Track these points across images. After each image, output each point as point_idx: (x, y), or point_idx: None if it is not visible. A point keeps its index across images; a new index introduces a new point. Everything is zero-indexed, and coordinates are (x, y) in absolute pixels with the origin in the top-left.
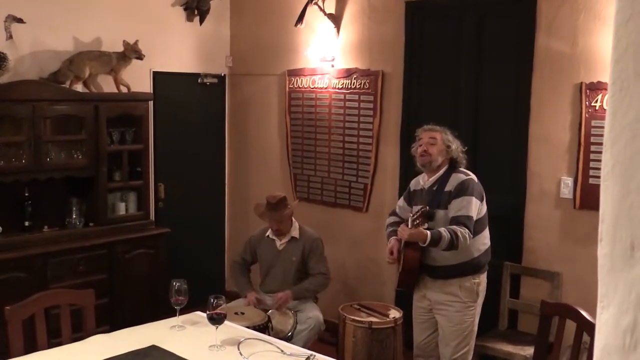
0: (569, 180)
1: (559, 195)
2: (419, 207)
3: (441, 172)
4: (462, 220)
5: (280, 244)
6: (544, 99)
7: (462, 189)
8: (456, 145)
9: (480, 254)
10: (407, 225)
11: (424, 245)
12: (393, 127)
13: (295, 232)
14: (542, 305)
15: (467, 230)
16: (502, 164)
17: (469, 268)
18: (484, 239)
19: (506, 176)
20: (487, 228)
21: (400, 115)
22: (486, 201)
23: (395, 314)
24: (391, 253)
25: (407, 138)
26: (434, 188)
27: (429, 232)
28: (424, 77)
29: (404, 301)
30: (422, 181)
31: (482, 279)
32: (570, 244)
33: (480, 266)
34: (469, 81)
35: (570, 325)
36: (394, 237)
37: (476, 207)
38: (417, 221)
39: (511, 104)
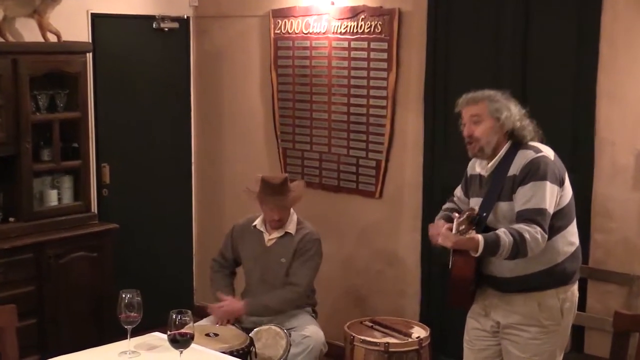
0: None
1: (638, 172)
2: (466, 210)
3: (502, 152)
4: (530, 216)
5: (268, 238)
6: (618, 43)
7: (531, 172)
8: (509, 112)
9: (566, 258)
10: (451, 229)
11: (477, 256)
12: (414, 85)
13: (291, 227)
14: (615, 319)
15: (538, 229)
16: (561, 132)
17: (551, 278)
18: (570, 237)
19: (566, 147)
20: (575, 222)
21: (424, 69)
22: None
23: (420, 332)
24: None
25: (433, 99)
26: (494, 174)
27: (481, 237)
28: (454, 16)
29: (432, 316)
30: (480, 167)
31: (571, 293)
32: None
33: (566, 275)
34: (515, 21)
35: None
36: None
37: (552, 195)
38: (462, 226)
39: (572, 52)
